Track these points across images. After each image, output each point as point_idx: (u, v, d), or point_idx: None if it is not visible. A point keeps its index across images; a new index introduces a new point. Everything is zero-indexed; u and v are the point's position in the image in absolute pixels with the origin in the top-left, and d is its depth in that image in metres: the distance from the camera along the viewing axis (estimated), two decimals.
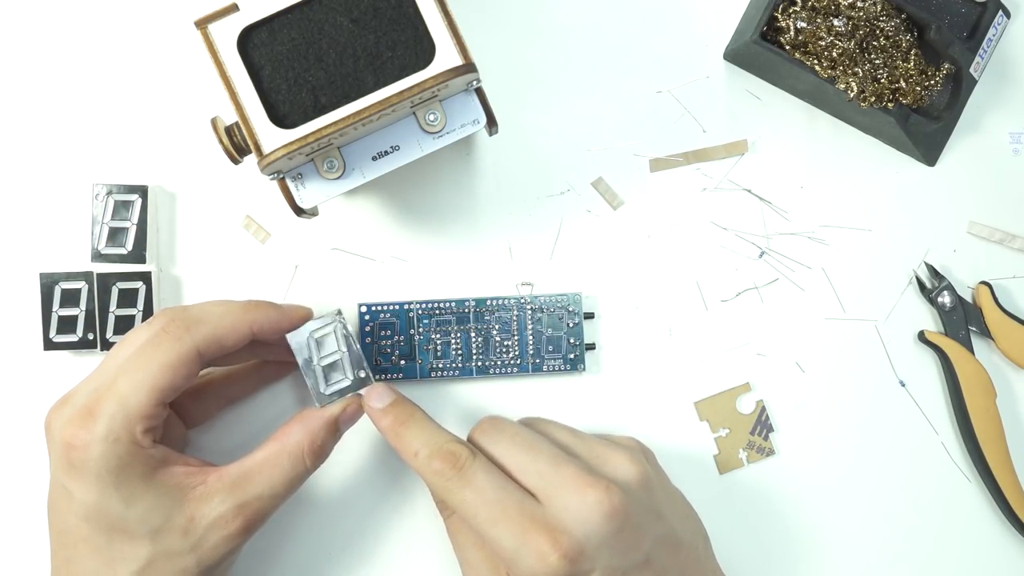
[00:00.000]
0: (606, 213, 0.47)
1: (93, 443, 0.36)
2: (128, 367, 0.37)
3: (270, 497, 0.38)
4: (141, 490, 0.37)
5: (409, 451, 0.39)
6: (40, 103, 0.46)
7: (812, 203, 0.47)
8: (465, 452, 0.38)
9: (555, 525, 0.36)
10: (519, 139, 0.47)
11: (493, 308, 0.45)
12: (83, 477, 0.36)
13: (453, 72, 0.36)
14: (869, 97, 0.44)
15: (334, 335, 0.41)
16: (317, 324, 0.41)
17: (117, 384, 0.37)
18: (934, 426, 0.46)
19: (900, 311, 0.47)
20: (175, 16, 0.46)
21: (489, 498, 0.37)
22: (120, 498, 0.36)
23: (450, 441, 0.39)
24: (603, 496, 0.36)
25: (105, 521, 0.37)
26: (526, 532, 0.36)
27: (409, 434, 0.40)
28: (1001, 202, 0.47)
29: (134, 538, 0.37)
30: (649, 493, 0.39)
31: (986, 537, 0.46)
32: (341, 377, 0.41)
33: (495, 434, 0.40)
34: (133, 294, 0.44)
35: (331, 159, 0.39)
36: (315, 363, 0.40)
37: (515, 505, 0.37)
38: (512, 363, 0.45)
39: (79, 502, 0.37)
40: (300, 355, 0.40)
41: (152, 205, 0.45)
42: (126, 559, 0.37)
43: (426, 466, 0.38)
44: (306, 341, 0.40)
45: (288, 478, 0.39)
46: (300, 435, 0.39)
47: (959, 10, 0.46)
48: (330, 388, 0.41)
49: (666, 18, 0.47)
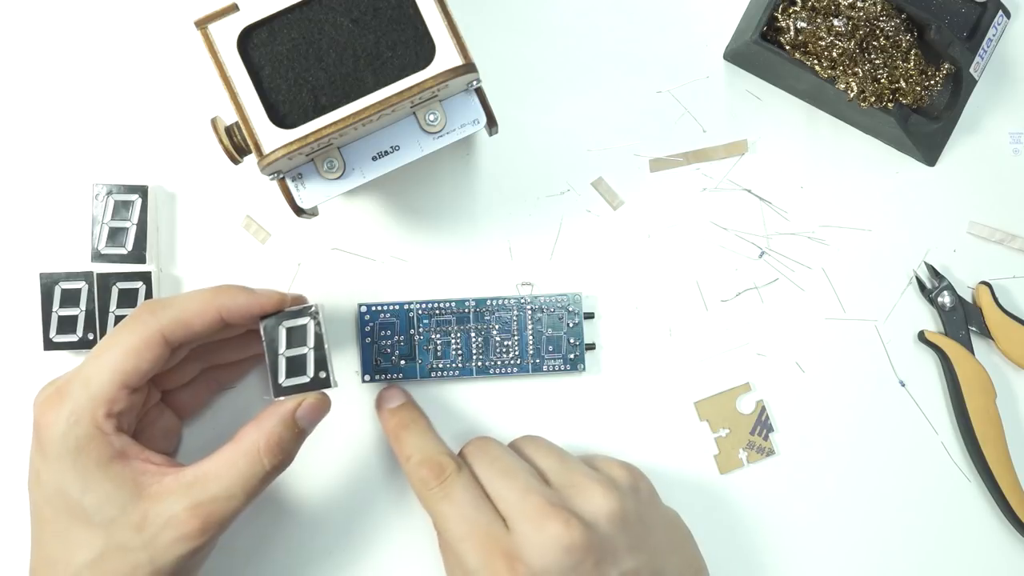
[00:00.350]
0: (606, 213, 0.47)
1: (57, 423, 0.37)
2: (96, 351, 0.38)
3: (226, 499, 0.37)
4: (97, 477, 0.37)
5: (403, 454, 0.41)
6: (40, 103, 0.46)
7: (812, 203, 0.47)
8: (452, 466, 0.40)
9: (515, 553, 0.37)
10: (519, 139, 0.47)
11: (493, 308, 0.45)
12: (47, 457, 0.37)
13: (453, 72, 0.36)
14: (869, 97, 0.44)
15: (307, 329, 0.40)
16: (292, 314, 0.40)
17: (84, 367, 0.38)
18: (934, 426, 0.46)
19: (900, 311, 0.47)
20: (175, 16, 0.46)
21: (462, 514, 0.38)
22: (77, 481, 0.37)
23: (441, 453, 0.40)
24: (562, 530, 0.37)
25: (64, 504, 0.37)
26: (489, 554, 0.37)
27: (407, 438, 0.42)
28: (1001, 202, 0.47)
29: (90, 526, 0.37)
30: (622, 527, 0.39)
31: (986, 537, 0.46)
32: (302, 373, 0.40)
33: (479, 455, 0.41)
34: (133, 294, 0.44)
35: (331, 159, 0.39)
36: (281, 352, 0.40)
37: (484, 527, 0.38)
38: (512, 363, 0.45)
39: (43, 483, 0.38)
40: (267, 342, 0.40)
41: (152, 205, 0.45)
42: (82, 546, 0.37)
43: (414, 471, 0.40)
44: (277, 330, 0.40)
45: (245, 478, 0.38)
46: (256, 434, 0.39)
47: (959, 10, 0.46)
48: (288, 381, 0.40)
49: (666, 18, 0.47)
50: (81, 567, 0.37)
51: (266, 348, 0.40)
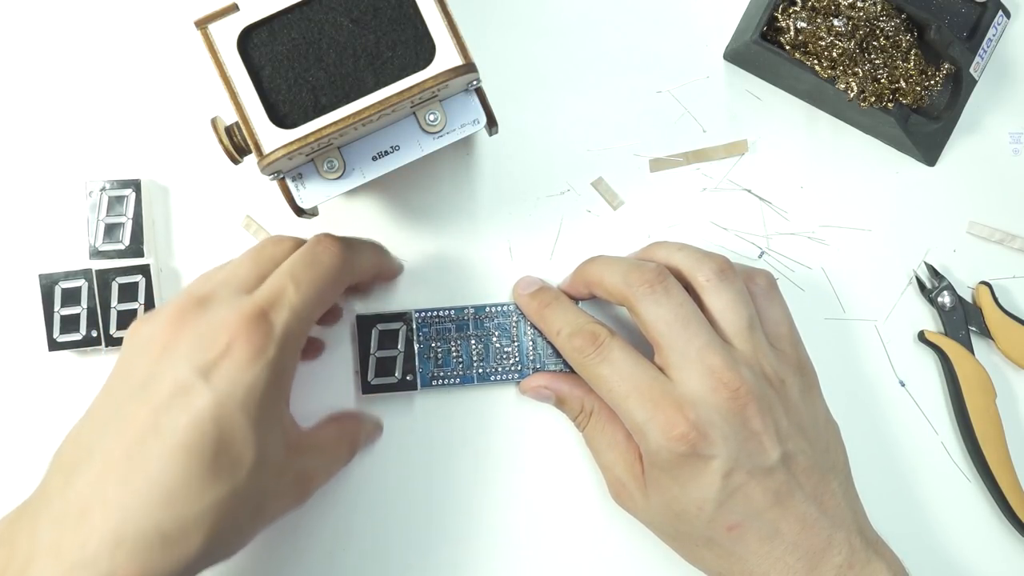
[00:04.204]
0: (606, 213, 0.47)
1: (267, 349, 0.35)
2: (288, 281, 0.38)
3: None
4: (274, 416, 0.36)
5: (553, 330, 0.43)
6: (31, 104, 0.46)
7: (812, 203, 0.47)
8: (604, 332, 0.41)
9: (683, 400, 0.38)
10: (519, 139, 0.47)
11: (493, 314, 0.45)
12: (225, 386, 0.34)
13: (453, 72, 0.36)
14: (869, 97, 0.44)
15: (399, 334, 0.44)
16: (386, 318, 0.44)
17: (287, 293, 0.37)
18: (934, 426, 0.46)
19: (900, 311, 0.47)
20: (174, 16, 0.46)
21: (623, 373, 0.39)
22: (250, 422, 0.34)
23: (590, 322, 0.42)
24: (730, 393, 0.38)
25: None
26: (656, 405, 0.38)
27: (552, 314, 0.43)
28: (1001, 202, 0.47)
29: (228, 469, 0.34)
30: (780, 390, 0.40)
31: (986, 537, 0.46)
32: (390, 374, 0.44)
33: (658, 295, 0.40)
34: (133, 288, 0.44)
35: (331, 159, 0.39)
36: (372, 352, 0.44)
37: (648, 381, 0.39)
38: (513, 369, 0.45)
39: (202, 412, 0.33)
40: (360, 341, 0.44)
41: (147, 199, 0.45)
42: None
43: (567, 343, 0.41)
44: (370, 331, 0.44)
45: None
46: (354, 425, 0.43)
47: (959, 10, 0.46)
48: (377, 380, 0.44)
49: (666, 18, 0.47)
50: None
51: (358, 347, 0.44)
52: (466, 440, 0.46)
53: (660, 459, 0.38)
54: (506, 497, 0.45)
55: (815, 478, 0.39)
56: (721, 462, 0.37)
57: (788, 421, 0.39)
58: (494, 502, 0.45)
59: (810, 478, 0.39)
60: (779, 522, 0.38)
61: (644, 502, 0.40)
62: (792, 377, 0.40)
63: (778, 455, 0.38)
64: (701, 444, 0.37)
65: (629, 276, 0.40)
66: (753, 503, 0.38)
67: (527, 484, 0.45)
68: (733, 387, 0.38)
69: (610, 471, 0.42)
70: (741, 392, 0.38)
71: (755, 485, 0.38)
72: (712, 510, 0.38)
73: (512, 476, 0.45)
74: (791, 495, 0.38)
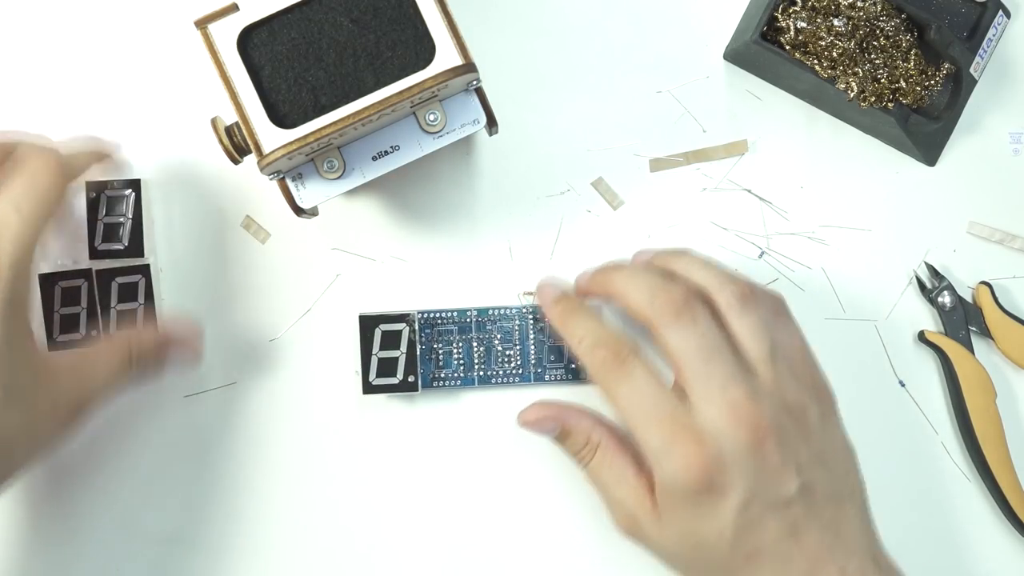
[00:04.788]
0: (606, 213, 0.47)
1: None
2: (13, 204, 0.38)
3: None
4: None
5: (575, 337, 0.41)
6: (30, 103, 0.46)
7: (812, 203, 0.47)
8: (627, 348, 0.39)
9: (703, 433, 0.37)
10: (519, 139, 0.47)
11: (495, 318, 0.45)
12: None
13: (453, 72, 0.36)
14: (869, 97, 0.44)
15: (402, 335, 0.45)
16: (390, 319, 0.44)
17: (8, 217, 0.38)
18: (934, 426, 0.46)
19: (900, 311, 0.47)
20: (174, 16, 0.46)
21: (643, 396, 0.38)
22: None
23: (613, 335, 0.40)
24: (752, 425, 0.37)
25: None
26: (675, 436, 0.37)
27: (575, 322, 0.41)
28: (1001, 202, 0.47)
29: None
30: (801, 423, 0.39)
31: (986, 537, 0.46)
32: (392, 375, 0.45)
33: (685, 324, 0.40)
34: (133, 288, 0.44)
35: (331, 159, 0.39)
36: (374, 352, 0.44)
37: (669, 410, 0.38)
38: (514, 373, 0.45)
39: None
40: (363, 341, 0.44)
41: (147, 200, 0.45)
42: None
43: (589, 353, 0.40)
44: (372, 331, 0.44)
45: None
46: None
47: (959, 10, 0.46)
48: (378, 380, 0.44)
49: (666, 18, 0.47)
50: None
51: (360, 346, 0.44)
52: (466, 442, 0.45)
53: (676, 489, 0.37)
54: (505, 500, 0.45)
55: (832, 507, 0.38)
56: (738, 495, 0.37)
57: (808, 451, 0.38)
58: (493, 505, 0.45)
59: (827, 507, 0.38)
60: (794, 552, 0.37)
61: (658, 533, 0.40)
62: (812, 405, 0.40)
63: (796, 487, 0.37)
64: (719, 477, 0.37)
65: (656, 299, 0.39)
66: (770, 534, 0.37)
67: (527, 487, 0.45)
68: (754, 422, 0.37)
69: (619, 506, 0.41)
70: (761, 427, 0.37)
71: (772, 517, 0.37)
72: (729, 541, 0.37)
73: (512, 479, 0.45)
74: (808, 526, 0.38)
